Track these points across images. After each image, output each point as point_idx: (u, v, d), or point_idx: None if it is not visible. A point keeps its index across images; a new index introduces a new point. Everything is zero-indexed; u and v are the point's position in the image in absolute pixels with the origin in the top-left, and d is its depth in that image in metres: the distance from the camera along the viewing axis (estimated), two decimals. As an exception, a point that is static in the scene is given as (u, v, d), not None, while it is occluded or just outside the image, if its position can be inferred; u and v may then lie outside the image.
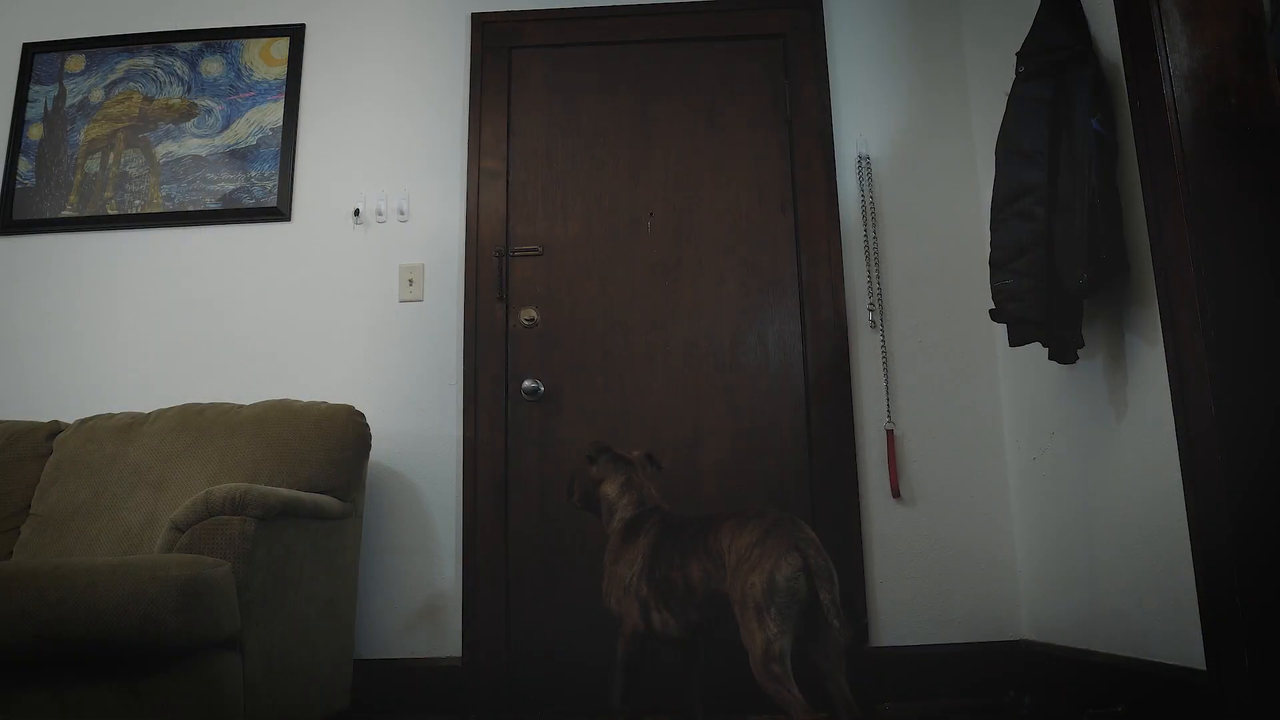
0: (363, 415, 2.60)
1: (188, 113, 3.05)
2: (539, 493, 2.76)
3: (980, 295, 2.77)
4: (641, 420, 2.79)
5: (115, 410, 2.75)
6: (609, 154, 2.97)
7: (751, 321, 2.86)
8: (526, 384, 2.80)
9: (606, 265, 2.90)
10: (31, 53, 3.12)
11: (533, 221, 2.93)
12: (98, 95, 3.08)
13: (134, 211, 2.98)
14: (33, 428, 2.64)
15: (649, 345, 2.84)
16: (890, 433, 2.77)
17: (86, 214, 2.99)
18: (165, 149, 3.03)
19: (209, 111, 3.05)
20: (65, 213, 2.99)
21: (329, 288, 2.93)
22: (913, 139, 2.96)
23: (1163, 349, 1.89)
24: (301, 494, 2.25)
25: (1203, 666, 1.77)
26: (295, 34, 3.09)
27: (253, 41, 3.09)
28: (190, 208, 2.97)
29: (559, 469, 2.75)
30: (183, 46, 3.10)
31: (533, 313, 2.83)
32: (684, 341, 2.85)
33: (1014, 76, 2.22)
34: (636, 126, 2.98)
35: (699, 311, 2.87)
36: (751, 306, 2.87)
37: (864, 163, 2.93)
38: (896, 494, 2.74)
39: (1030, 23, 2.24)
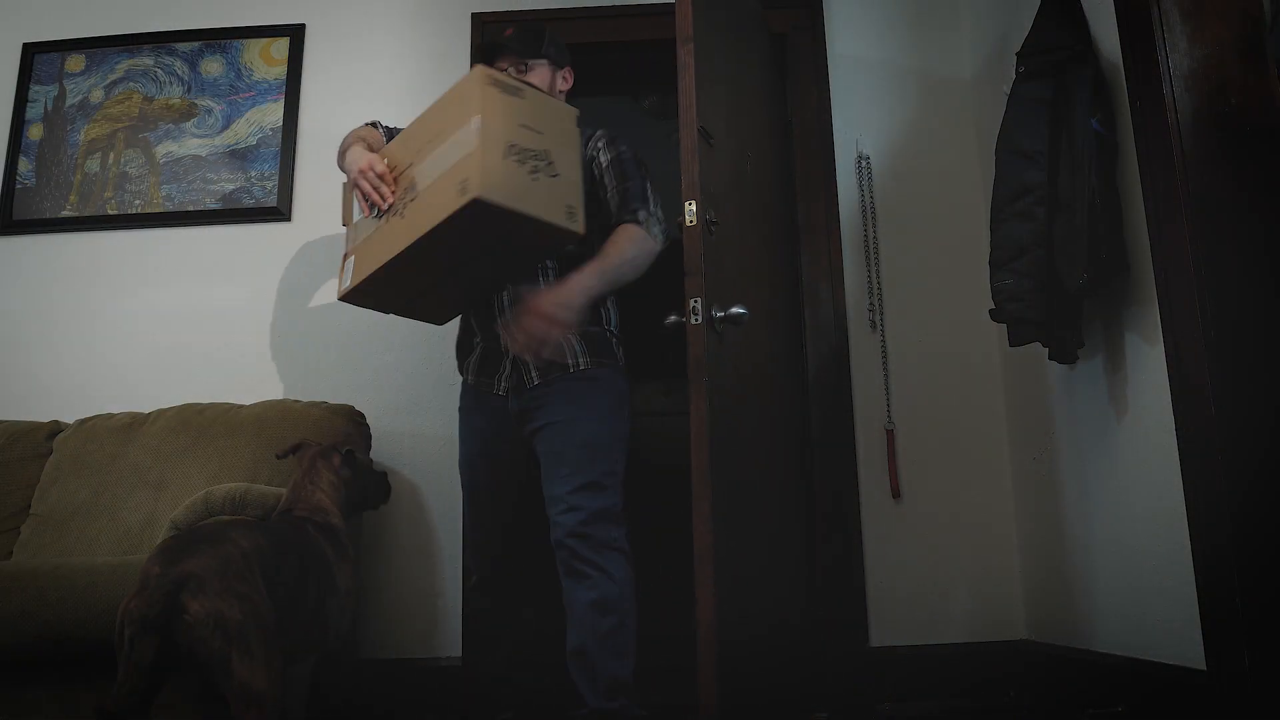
0: (363, 415, 2.60)
1: (188, 113, 3.05)
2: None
3: (980, 295, 2.76)
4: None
5: (115, 410, 2.75)
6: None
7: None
8: (734, 310, 2.06)
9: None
10: (31, 53, 3.12)
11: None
12: (98, 95, 3.08)
13: (134, 211, 2.98)
14: (33, 428, 2.64)
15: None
16: (890, 433, 2.76)
17: (86, 214, 2.98)
18: (165, 149, 3.03)
19: (209, 111, 3.05)
20: (65, 213, 2.99)
21: (329, 288, 2.93)
22: (913, 139, 2.96)
23: (1163, 349, 1.89)
24: (301, 494, 2.25)
25: (1203, 666, 1.77)
26: (295, 34, 3.08)
27: (253, 41, 3.08)
28: (190, 208, 2.97)
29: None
30: (183, 46, 3.10)
31: (712, 212, 2.10)
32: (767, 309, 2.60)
33: (1014, 76, 2.22)
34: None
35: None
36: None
37: (864, 163, 2.93)
38: (896, 494, 2.74)
39: (1030, 23, 2.24)
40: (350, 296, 2.12)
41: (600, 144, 2.21)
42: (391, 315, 2.90)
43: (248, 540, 1.67)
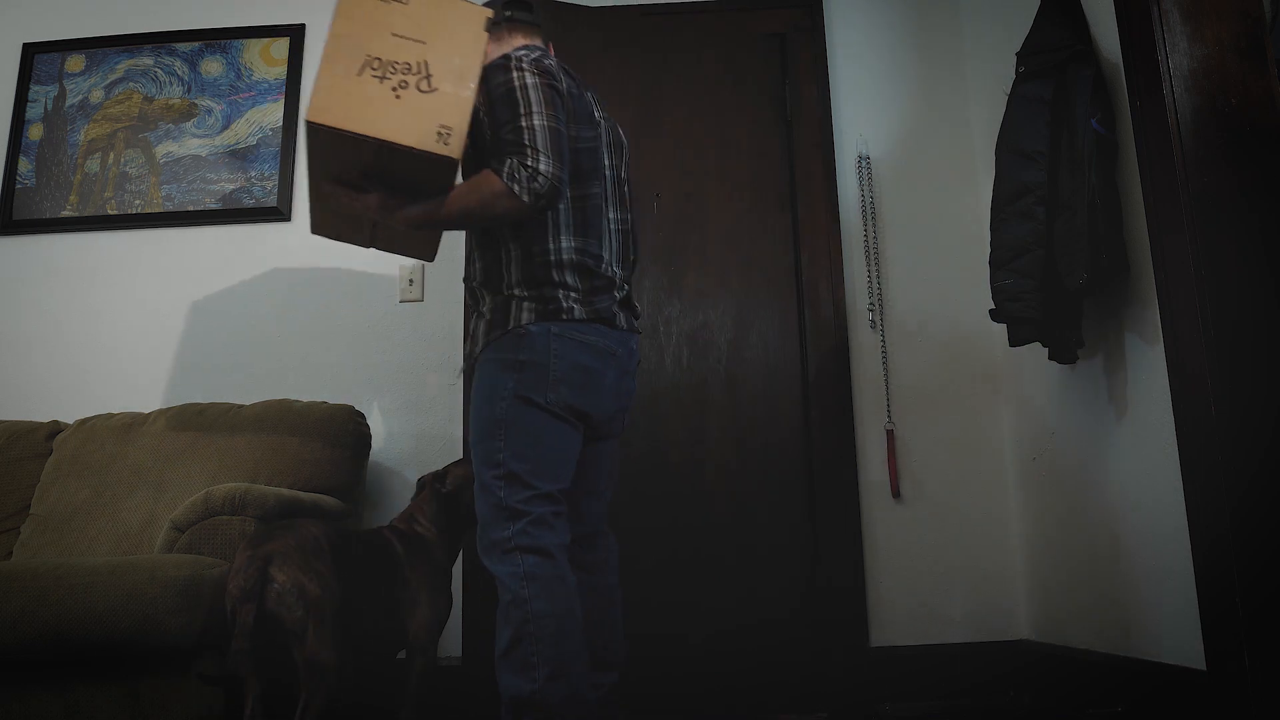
0: (363, 415, 2.60)
1: (188, 113, 3.05)
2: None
3: (980, 295, 2.76)
4: (642, 413, 2.79)
5: (115, 410, 2.75)
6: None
7: (752, 319, 2.86)
8: None
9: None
10: (31, 53, 3.12)
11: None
12: (98, 95, 3.08)
13: (134, 211, 2.98)
14: (33, 428, 2.64)
15: (653, 329, 2.83)
16: (890, 433, 2.76)
17: (86, 214, 2.98)
18: (165, 149, 3.03)
19: (209, 111, 3.05)
20: (65, 213, 2.99)
21: (329, 287, 2.93)
22: (913, 139, 2.96)
23: (1163, 349, 1.88)
24: (301, 494, 2.25)
25: (1203, 666, 1.77)
26: (295, 34, 3.08)
27: (253, 41, 3.08)
28: (190, 208, 2.97)
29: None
30: (183, 46, 3.10)
31: None
32: (689, 330, 2.83)
33: (1014, 76, 2.22)
34: (635, 126, 2.98)
35: (701, 302, 2.86)
36: (752, 307, 2.87)
37: (864, 163, 2.93)
38: (896, 494, 2.74)
39: (1030, 23, 2.24)
40: (316, 231, 2.08)
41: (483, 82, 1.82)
42: (390, 315, 2.91)
43: (317, 528, 1.91)
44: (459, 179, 1.81)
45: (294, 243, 2.96)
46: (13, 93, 3.11)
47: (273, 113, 3.02)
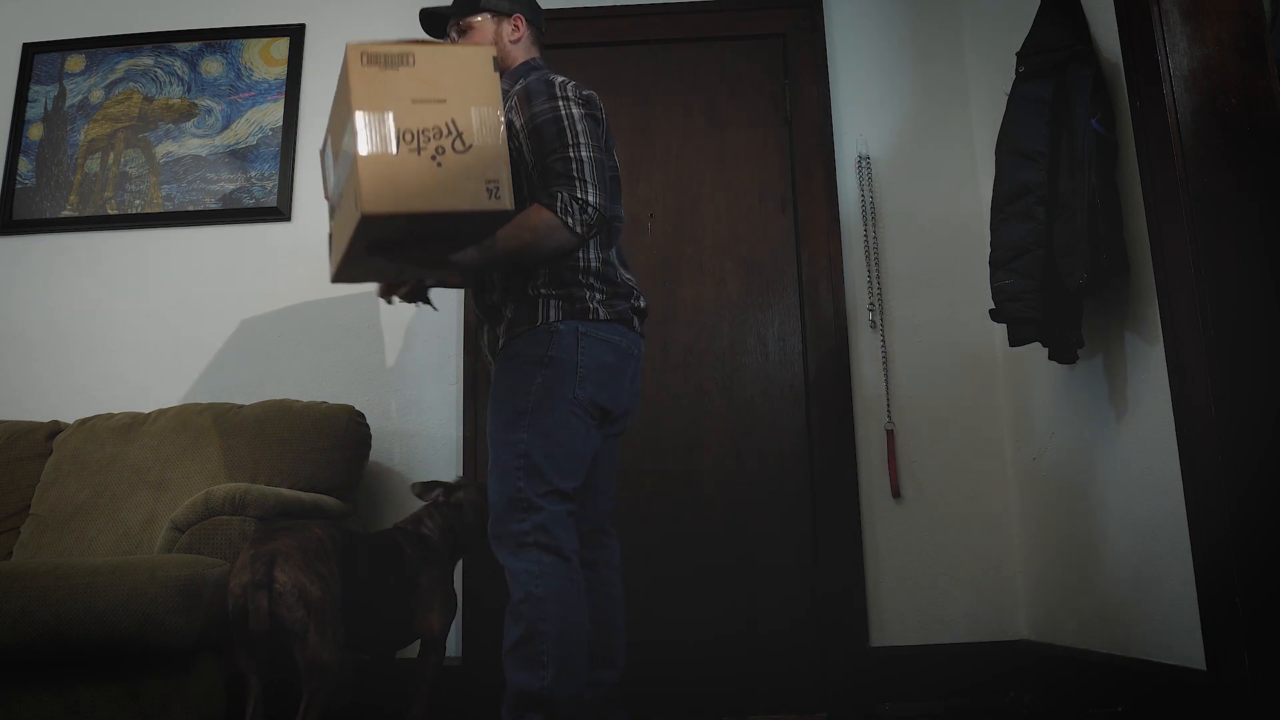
0: (363, 415, 2.60)
1: (188, 113, 3.05)
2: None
3: (980, 295, 2.76)
4: (642, 418, 2.79)
5: (115, 410, 2.75)
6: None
7: (751, 321, 2.86)
8: None
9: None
10: (31, 53, 3.12)
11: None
12: (98, 95, 3.08)
13: (134, 211, 2.98)
14: (33, 428, 2.64)
15: (649, 344, 2.84)
16: (890, 433, 2.76)
17: (86, 214, 2.98)
18: (165, 149, 3.03)
19: (209, 111, 3.04)
20: (65, 213, 2.99)
21: (329, 288, 2.91)
22: (913, 139, 2.96)
23: (1163, 349, 1.88)
24: (301, 494, 2.25)
25: (1203, 666, 1.77)
26: (295, 34, 3.08)
27: (253, 41, 3.08)
28: (190, 208, 2.97)
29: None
30: (183, 46, 3.10)
31: None
32: (684, 341, 2.86)
33: (1014, 76, 2.22)
34: (636, 127, 2.98)
35: (700, 311, 2.87)
36: (752, 306, 2.87)
37: (864, 163, 2.93)
38: (896, 494, 2.74)
39: (1030, 23, 2.24)
40: (338, 280, 1.99)
41: (513, 101, 1.91)
42: (390, 315, 2.90)
43: (323, 530, 1.90)
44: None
45: (294, 243, 2.96)
46: (13, 93, 3.10)
47: (273, 113, 3.02)
